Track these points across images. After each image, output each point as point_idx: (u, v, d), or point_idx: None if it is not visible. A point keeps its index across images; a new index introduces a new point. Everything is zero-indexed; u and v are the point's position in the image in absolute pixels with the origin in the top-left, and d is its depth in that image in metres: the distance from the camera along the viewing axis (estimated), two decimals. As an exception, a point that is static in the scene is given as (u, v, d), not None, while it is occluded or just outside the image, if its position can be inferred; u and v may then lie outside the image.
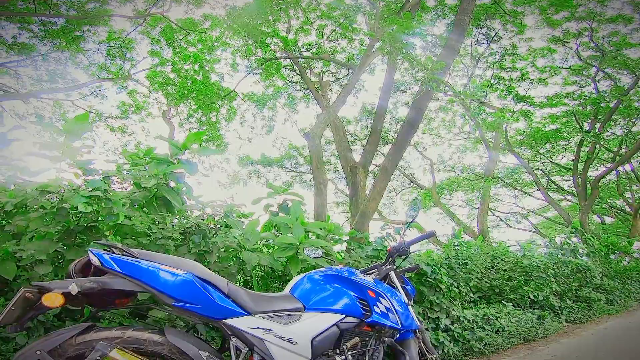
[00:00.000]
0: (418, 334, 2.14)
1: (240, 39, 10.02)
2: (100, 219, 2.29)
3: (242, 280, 3.04)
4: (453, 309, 3.93)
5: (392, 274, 2.20)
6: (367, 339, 1.90)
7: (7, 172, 2.81)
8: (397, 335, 2.07)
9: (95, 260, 1.38)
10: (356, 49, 12.04)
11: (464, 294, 4.39)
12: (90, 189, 2.16)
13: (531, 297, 5.05)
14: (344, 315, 1.77)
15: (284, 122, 14.86)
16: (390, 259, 2.25)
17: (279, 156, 16.80)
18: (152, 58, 11.56)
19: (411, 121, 5.90)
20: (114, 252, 1.43)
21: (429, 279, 3.79)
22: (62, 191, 2.44)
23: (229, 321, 1.52)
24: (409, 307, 2.11)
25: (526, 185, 18.03)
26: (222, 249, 2.56)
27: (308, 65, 11.63)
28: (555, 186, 17.43)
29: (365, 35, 9.44)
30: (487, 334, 3.83)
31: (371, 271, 2.25)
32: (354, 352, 1.82)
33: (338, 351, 1.76)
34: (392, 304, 1.95)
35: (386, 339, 1.96)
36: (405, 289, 2.21)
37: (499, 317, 4.30)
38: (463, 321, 3.85)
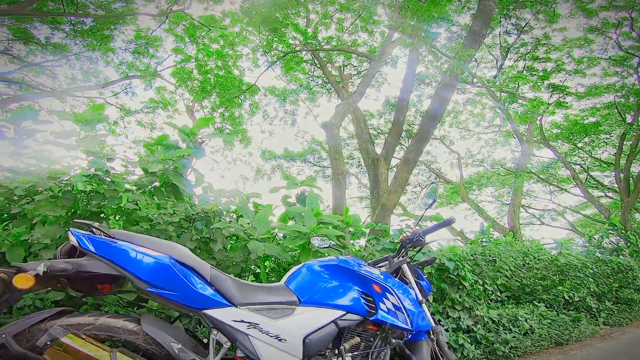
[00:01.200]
0: (432, 336, 1.90)
1: (260, 33, 9.98)
2: (105, 202, 2.26)
3: (252, 271, 2.95)
4: (477, 309, 3.68)
5: (405, 267, 1.96)
6: (371, 339, 1.70)
7: (28, 161, 2.87)
8: (409, 336, 1.85)
9: (73, 241, 1.30)
10: (377, 42, 11.72)
11: (490, 292, 4.11)
12: (93, 169, 2.12)
13: (566, 297, 4.69)
14: (344, 312, 1.59)
15: (306, 115, 14.76)
16: (403, 250, 2.01)
17: (302, 150, 16.77)
18: (176, 55, 11.77)
19: (434, 111, 5.61)
20: (93, 233, 1.35)
21: (451, 276, 3.56)
22: (70, 177, 2.44)
23: (209, 312, 1.38)
24: (423, 305, 1.88)
25: (563, 181, 17.00)
26: (228, 237, 2.46)
27: (329, 59, 11.43)
28: (595, 182, 16.32)
29: (387, 27, 9.11)
30: (513, 336, 3.55)
31: (381, 263, 2.02)
32: (354, 353, 1.64)
33: (337, 352, 1.58)
34: (401, 301, 1.73)
35: (393, 340, 1.75)
36: (419, 284, 1.96)
37: (529, 318, 4.00)
38: (487, 322, 3.59)
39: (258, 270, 2.93)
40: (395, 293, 1.73)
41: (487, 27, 6.30)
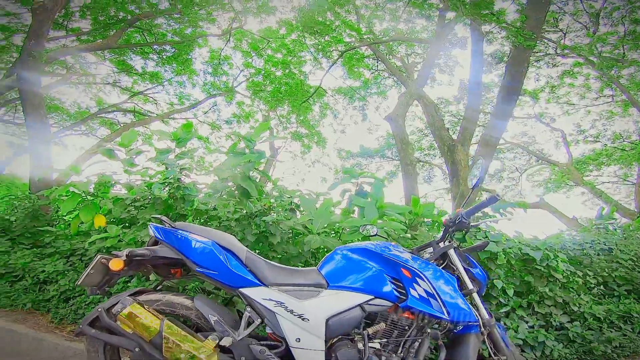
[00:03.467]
0: (483, 330, 1.71)
1: (315, 37, 10.19)
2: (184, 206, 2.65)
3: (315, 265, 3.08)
4: (574, 304, 3.23)
5: (452, 253, 1.80)
6: (406, 327, 1.64)
7: (135, 177, 3.51)
8: (458, 329, 1.71)
9: (150, 233, 1.61)
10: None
11: (592, 285, 3.58)
12: (165, 178, 2.52)
13: None
14: (371, 297, 1.58)
15: (376, 109, 14.50)
16: (448, 234, 1.86)
17: (378, 147, 16.56)
18: (247, 69, 12.82)
19: (508, 87, 5.07)
20: (164, 225, 1.64)
21: (539, 267, 3.21)
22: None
23: (244, 290, 1.54)
24: (474, 294, 1.73)
25: None
26: (288, 231, 2.64)
27: (389, 52, 11.10)
28: None
29: (437, 9, 8.38)
30: (622, 335, 3.03)
31: (426, 249, 1.90)
32: (385, 340, 1.61)
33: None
34: (434, 287, 1.62)
35: (429, 330, 1.65)
36: (470, 272, 1.80)
37: (650, 315, 3.36)
38: (587, 318, 3.12)
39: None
40: (426, 279, 1.63)
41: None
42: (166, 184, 2.60)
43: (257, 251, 2.55)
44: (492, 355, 1.72)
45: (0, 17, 9.91)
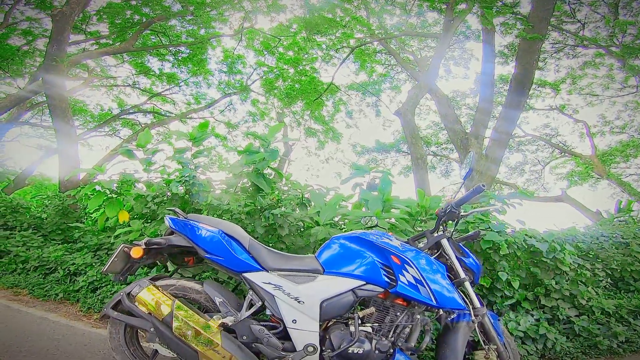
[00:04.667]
0: (474, 319, 1.75)
1: (323, 36, 10.18)
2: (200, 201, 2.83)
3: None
4: (582, 297, 3.23)
5: (445, 242, 1.85)
6: (397, 313, 1.72)
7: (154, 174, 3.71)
8: (452, 317, 1.77)
9: (166, 223, 1.78)
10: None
11: (600, 278, 3.56)
12: (181, 176, 2.69)
13: None
14: (363, 282, 1.67)
15: (389, 104, 14.34)
16: (440, 224, 1.90)
17: (394, 141, 16.44)
18: (260, 67, 12.96)
19: (519, 79, 5.02)
20: (178, 216, 1.80)
21: (545, 259, 3.21)
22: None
23: (247, 275, 1.68)
24: (466, 283, 1.77)
25: None
26: (295, 224, 2.75)
27: (401, 46, 10.99)
28: None
29: (443, 3, 8.18)
30: (632, 330, 3.02)
31: (421, 239, 1.96)
32: (376, 324, 1.70)
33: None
34: (422, 274, 1.67)
35: (418, 316, 1.72)
36: (462, 261, 1.84)
37: (663, 309, 3.32)
38: (595, 312, 3.12)
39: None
40: (415, 266, 1.69)
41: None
42: (183, 182, 2.78)
43: (270, 244, 2.69)
44: (483, 343, 1.78)
45: (22, 22, 10.43)
